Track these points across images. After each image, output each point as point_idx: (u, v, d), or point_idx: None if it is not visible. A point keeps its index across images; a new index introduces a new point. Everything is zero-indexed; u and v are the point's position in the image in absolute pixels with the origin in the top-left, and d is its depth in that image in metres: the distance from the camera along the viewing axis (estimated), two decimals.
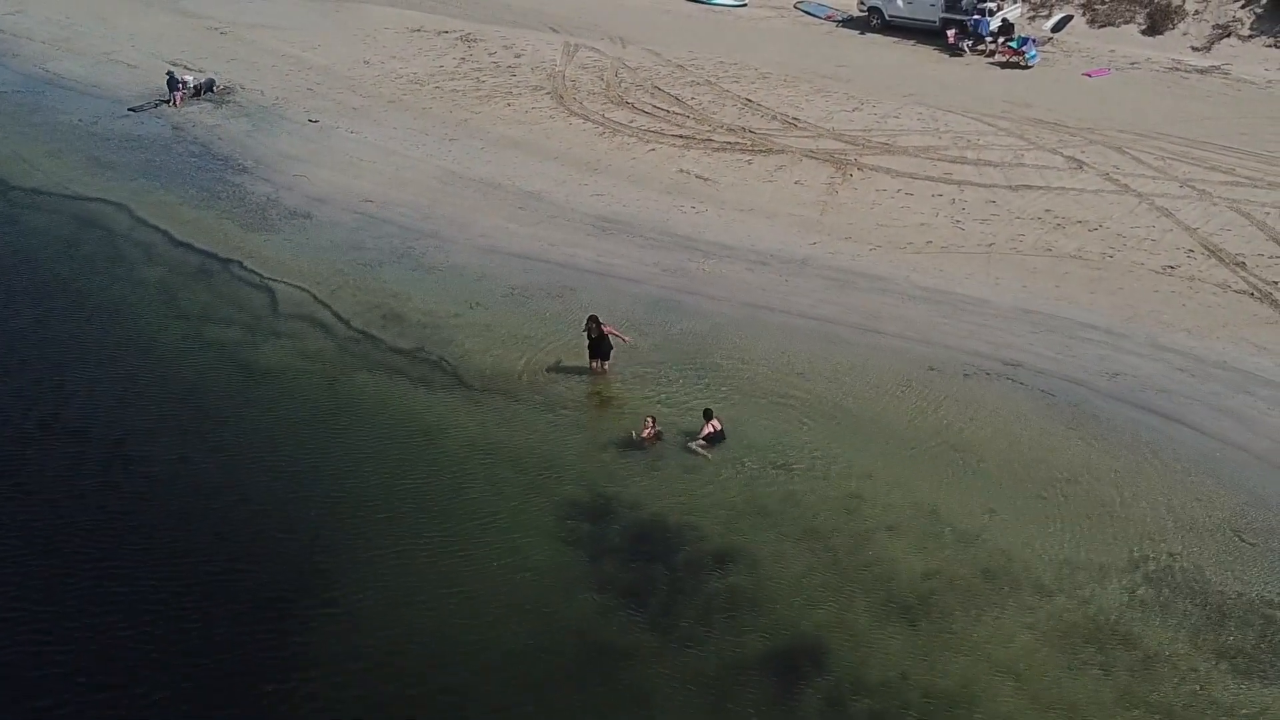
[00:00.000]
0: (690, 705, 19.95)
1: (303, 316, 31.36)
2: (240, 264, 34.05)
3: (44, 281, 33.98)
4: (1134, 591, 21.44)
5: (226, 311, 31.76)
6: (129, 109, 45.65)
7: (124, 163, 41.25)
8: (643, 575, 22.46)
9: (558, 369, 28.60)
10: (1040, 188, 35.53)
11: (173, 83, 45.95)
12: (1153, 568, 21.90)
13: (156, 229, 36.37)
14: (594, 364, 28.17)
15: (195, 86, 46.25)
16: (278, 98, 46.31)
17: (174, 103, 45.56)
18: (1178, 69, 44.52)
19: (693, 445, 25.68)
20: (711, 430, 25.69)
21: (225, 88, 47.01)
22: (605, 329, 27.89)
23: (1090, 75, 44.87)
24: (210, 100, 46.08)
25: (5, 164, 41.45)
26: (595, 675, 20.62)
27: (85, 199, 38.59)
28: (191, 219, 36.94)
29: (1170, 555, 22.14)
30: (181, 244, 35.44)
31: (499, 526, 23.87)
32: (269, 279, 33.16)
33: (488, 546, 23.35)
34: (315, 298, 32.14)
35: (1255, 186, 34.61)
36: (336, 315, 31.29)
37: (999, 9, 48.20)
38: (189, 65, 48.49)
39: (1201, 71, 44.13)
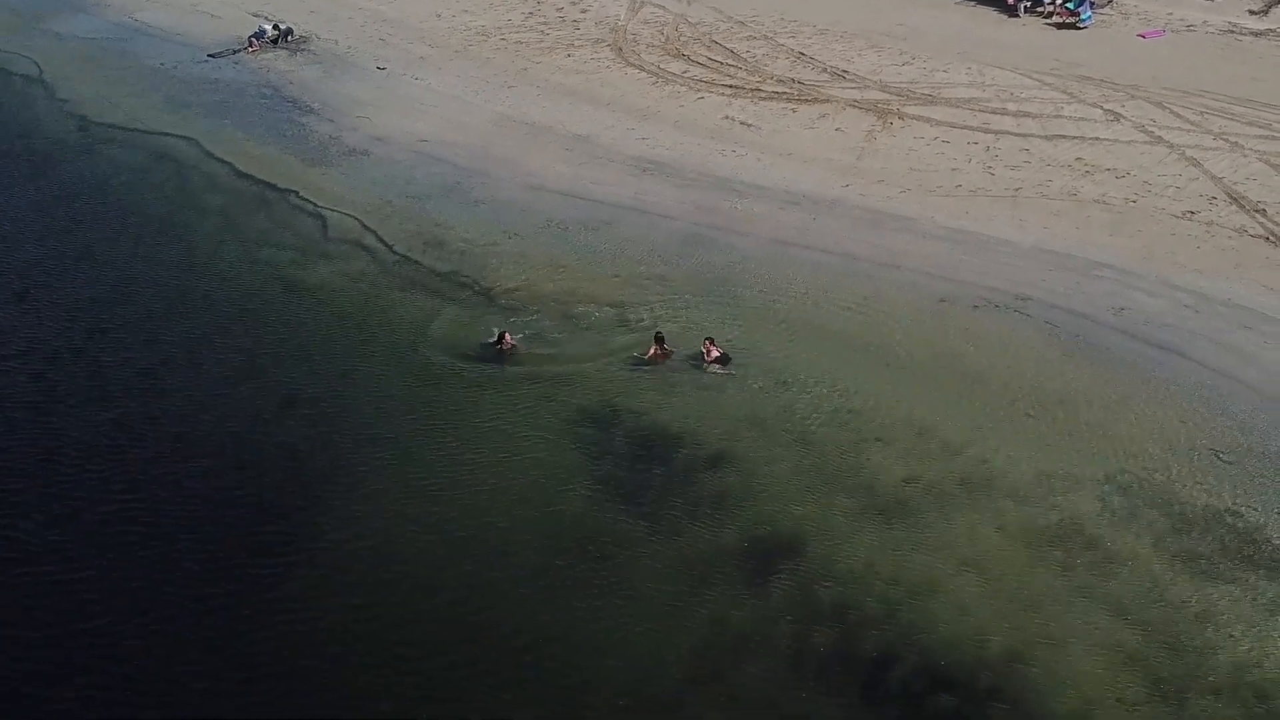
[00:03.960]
0: (672, 586, 21.21)
1: (350, 241, 33.07)
2: (296, 193, 35.85)
3: (117, 206, 36.14)
4: (1105, 500, 22.27)
5: (280, 235, 33.64)
6: (207, 55, 47.72)
7: (199, 103, 43.21)
8: (639, 474, 23.79)
9: (584, 294, 29.86)
10: (1074, 138, 35.95)
11: (260, 32, 48.17)
12: (1127, 479, 22.70)
13: (222, 161, 38.34)
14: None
15: (274, 31, 48.28)
16: (350, 47, 48.10)
17: (250, 49, 47.62)
18: (1233, 31, 44.46)
19: (714, 369, 26.85)
20: (718, 354, 26.89)
21: (301, 37, 48.91)
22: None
23: (1144, 36, 44.94)
24: (285, 48, 47.99)
25: (90, 103, 43.70)
26: (588, 560, 21.90)
27: (160, 134, 40.65)
28: (256, 154, 38.83)
29: (1146, 470, 22.90)
30: (244, 175, 37.37)
31: (508, 428, 25.33)
32: (322, 207, 34.93)
33: (495, 445, 24.81)
34: (363, 224, 33.81)
35: None
36: (381, 240, 32.95)
37: None
38: (268, 16, 50.44)
39: (1256, 34, 44.03)
